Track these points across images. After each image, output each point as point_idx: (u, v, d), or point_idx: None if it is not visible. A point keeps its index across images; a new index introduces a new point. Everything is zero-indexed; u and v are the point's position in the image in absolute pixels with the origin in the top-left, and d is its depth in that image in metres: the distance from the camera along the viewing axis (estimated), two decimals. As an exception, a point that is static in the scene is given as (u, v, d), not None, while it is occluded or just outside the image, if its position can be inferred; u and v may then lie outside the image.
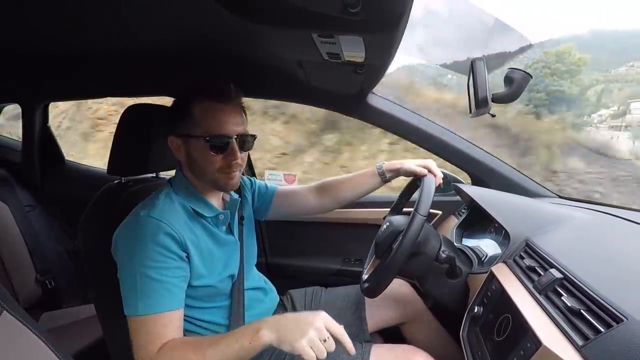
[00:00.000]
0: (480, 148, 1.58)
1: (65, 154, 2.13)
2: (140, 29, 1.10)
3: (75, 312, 1.63)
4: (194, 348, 0.81)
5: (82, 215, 1.06)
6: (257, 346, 0.78)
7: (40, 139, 1.94)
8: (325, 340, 0.76)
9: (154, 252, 0.85)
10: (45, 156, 1.98)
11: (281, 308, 1.25)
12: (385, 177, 1.22)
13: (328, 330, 0.77)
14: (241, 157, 0.97)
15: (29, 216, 1.75)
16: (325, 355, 0.75)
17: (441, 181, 1.13)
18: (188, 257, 0.91)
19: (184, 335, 0.95)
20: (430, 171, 1.12)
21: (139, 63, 1.47)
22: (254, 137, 1.00)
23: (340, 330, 0.79)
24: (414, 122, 1.55)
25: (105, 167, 1.11)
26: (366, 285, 1.08)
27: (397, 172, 1.20)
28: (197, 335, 0.99)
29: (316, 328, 0.76)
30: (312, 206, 1.29)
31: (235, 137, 0.94)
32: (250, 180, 1.28)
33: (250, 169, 1.94)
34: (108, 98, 4.81)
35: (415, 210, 0.98)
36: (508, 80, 1.11)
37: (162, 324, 0.84)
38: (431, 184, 1.06)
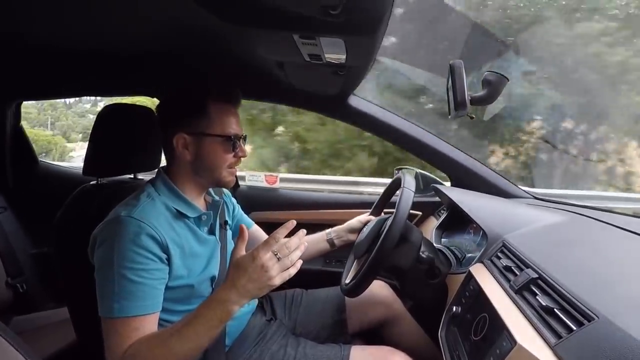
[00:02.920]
0: (460, 150, 1.60)
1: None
2: (119, 27, 1.07)
3: (48, 316, 1.58)
4: (157, 342, 0.81)
5: (56, 216, 1.03)
6: (229, 319, 0.81)
7: (12, 139, 1.88)
8: (280, 259, 0.79)
9: (134, 253, 0.83)
10: (17, 156, 1.92)
11: (260, 311, 1.24)
12: (334, 244, 1.32)
13: (273, 252, 0.80)
14: None
15: (0, 218, 1.69)
16: (294, 266, 0.81)
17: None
18: (168, 258, 0.89)
19: None
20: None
21: (117, 62, 1.44)
22: (246, 136, 1.05)
23: (269, 243, 0.80)
24: (395, 123, 1.57)
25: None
26: (348, 284, 1.09)
27: (346, 232, 1.33)
28: None
29: (268, 262, 0.78)
30: None
31: (241, 137, 1.01)
32: (235, 203, 1.29)
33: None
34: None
35: (403, 185, 1.04)
36: (486, 82, 1.13)
37: (135, 327, 0.82)
38: (410, 176, 1.12)
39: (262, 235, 1.32)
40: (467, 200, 1.29)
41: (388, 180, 1.36)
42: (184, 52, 1.30)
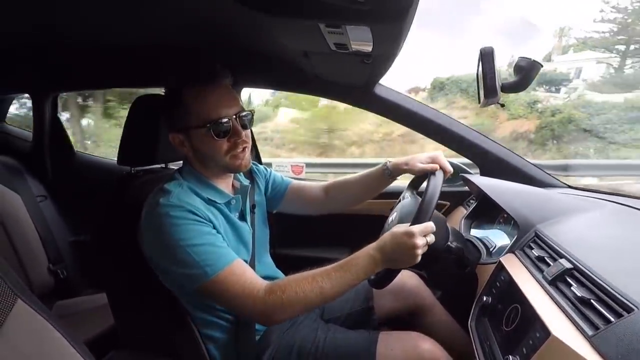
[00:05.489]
0: (489, 138, 1.57)
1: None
2: (148, 20, 1.10)
3: (88, 301, 1.65)
4: (306, 277, 0.87)
5: (93, 205, 1.07)
6: (371, 274, 0.92)
7: (50, 130, 1.96)
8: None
9: (186, 225, 0.87)
10: (55, 147, 2.00)
11: None
12: (392, 176, 1.20)
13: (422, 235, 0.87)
14: (245, 135, 0.98)
15: (41, 206, 1.77)
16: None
17: (451, 171, 1.12)
18: (214, 228, 0.93)
19: (192, 322, 0.98)
20: (440, 165, 1.07)
21: (148, 54, 1.47)
22: (252, 113, 1.01)
23: (427, 229, 0.88)
24: (422, 113, 1.54)
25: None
26: (372, 277, 1.08)
27: (405, 172, 1.17)
28: (214, 322, 1.01)
29: (419, 244, 0.86)
30: (321, 205, 1.31)
31: (233, 116, 0.95)
32: (266, 169, 1.28)
33: (256, 157, 1.93)
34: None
35: (431, 173, 1.03)
36: (517, 69, 1.09)
37: (241, 271, 0.88)
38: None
39: (303, 185, 1.30)
40: (498, 189, 1.26)
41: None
42: (211, 44, 1.31)
